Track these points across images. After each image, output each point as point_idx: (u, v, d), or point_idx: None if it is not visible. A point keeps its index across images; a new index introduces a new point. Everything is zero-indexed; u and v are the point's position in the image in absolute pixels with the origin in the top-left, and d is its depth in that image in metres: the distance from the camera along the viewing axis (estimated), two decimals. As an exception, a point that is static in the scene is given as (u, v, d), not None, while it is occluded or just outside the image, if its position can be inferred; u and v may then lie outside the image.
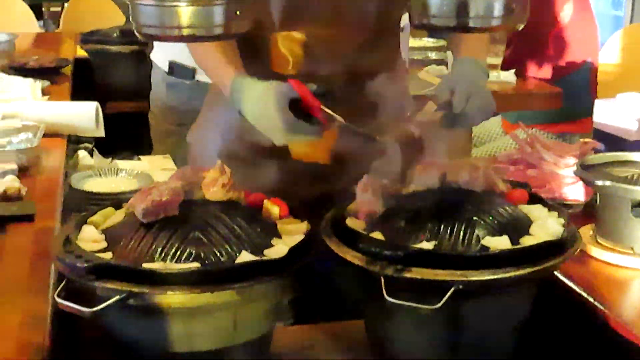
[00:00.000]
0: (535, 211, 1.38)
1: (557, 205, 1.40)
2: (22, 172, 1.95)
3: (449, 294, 1.17)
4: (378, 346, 1.37)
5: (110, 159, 2.60)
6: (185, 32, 1.22)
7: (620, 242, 1.50)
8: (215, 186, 1.30)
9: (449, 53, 3.29)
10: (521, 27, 1.29)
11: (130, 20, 1.27)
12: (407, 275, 1.19)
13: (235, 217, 1.27)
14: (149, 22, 1.23)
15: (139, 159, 2.86)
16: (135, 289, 1.13)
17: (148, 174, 2.10)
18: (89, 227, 1.29)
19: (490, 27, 1.28)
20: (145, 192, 1.26)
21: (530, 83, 3.25)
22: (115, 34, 3.43)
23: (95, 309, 1.12)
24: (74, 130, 2.31)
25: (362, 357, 1.40)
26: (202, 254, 1.20)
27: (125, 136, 3.15)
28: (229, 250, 1.21)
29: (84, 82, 3.50)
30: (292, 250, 1.21)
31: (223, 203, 1.30)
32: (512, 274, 1.20)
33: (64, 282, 1.17)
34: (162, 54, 2.66)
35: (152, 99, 2.77)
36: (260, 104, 1.46)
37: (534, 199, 1.43)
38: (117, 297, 1.13)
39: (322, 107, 1.43)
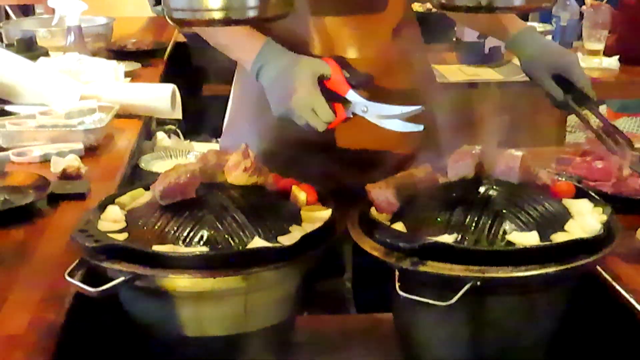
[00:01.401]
0: (579, 206, 1.29)
1: (602, 201, 1.30)
2: (90, 151, 2.00)
3: (463, 290, 1.11)
4: (403, 341, 1.32)
5: (187, 140, 2.65)
6: (217, 15, 1.20)
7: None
8: (237, 170, 1.28)
9: (547, 37, 3.15)
10: (548, 5, 1.19)
11: (162, 4, 1.26)
12: (422, 268, 1.14)
13: (254, 202, 1.24)
14: (179, 5, 1.22)
15: (217, 141, 2.89)
16: (140, 271, 1.13)
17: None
18: (114, 207, 1.30)
19: (514, 6, 1.19)
20: (166, 174, 1.25)
21: (635, 70, 3.06)
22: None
23: (100, 288, 1.12)
24: (151, 111, 2.34)
25: (391, 351, 1.36)
26: (214, 238, 1.18)
27: (222, 119, 3.19)
28: (242, 235, 1.19)
29: (183, 65, 3.57)
30: (306, 238, 1.18)
31: (244, 187, 1.28)
32: (533, 272, 1.12)
33: (76, 262, 1.18)
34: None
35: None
36: (287, 70, 1.45)
37: (581, 193, 1.34)
38: (123, 278, 1.13)
39: (353, 91, 1.39)
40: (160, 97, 2.32)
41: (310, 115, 1.47)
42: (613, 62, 3.05)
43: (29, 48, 2.61)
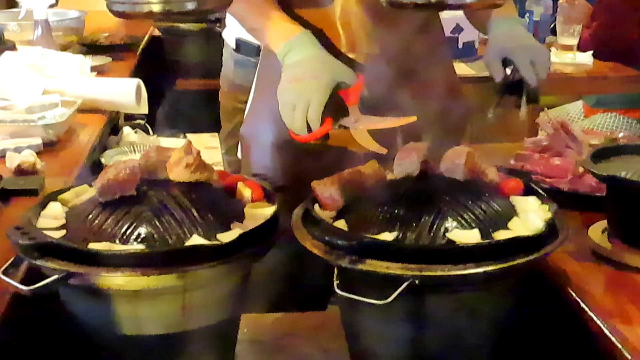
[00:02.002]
0: (525, 203, 1.28)
1: (549, 199, 1.29)
2: (50, 146, 1.98)
3: (400, 289, 1.09)
4: (348, 339, 1.30)
5: (155, 136, 2.63)
6: (156, 8, 1.18)
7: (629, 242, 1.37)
8: (179, 166, 1.26)
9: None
10: (500, 3, 1.18)
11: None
12: (360, 267, 1.13)
13: (196, 199, 1.22)
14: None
15: (185, 137, 2.87)
16: (73, 269, 1.11)
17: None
18: (55, 204, 1.28)
19: (464, 3, 1.19)
20: (105, 171, 1.24)
21: (608, 66, 3.05)
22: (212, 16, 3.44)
23: (32, 287, 1.10)
24: (115, 106, 2.32)
25: (339, 349, 1.34)
26: (151, 236, 1.16)
27: (195, 114, 3.17)
28: (180, 233, 1.17)
29: (157, 59, 3.55)
30: (244, 236, 1.16)
31: (187, 184, 1.26)
32: (472, 270, 1.11)
33: (12, 260, 1.16)
34: (230, 32, 2.67)
35: (222, 76, 2.78)
36: (312, 59, 1.47)
37: (530, 190, 1.32)
38: (56, 276, 1.11)
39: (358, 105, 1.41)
40: (125, 92, 2.30)
41: (288, 113, 1.45)
42: (586, 57, 3.04)
43: (-5, 42, 2.58)
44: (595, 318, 1.19)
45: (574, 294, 1.27)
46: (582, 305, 1.23)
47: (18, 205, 1.62)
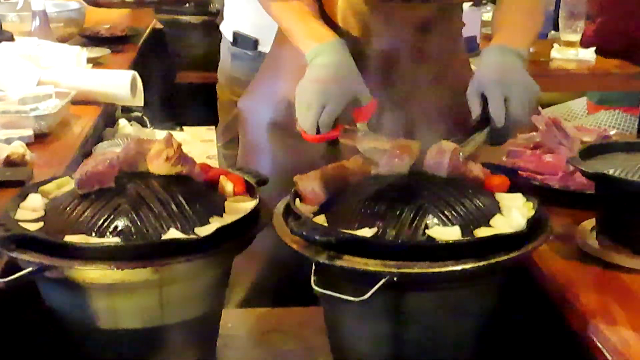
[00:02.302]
0: (509, 200, 1.26)
1: (533, 196, 1.27)
2: (41, 138, 1.97)
3: (377, 286, 1.08)
4: (330, 335, 1.29)
5: (151, 128, 2.62)
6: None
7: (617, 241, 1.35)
8: (159, 159, 1.25)
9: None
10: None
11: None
12: (338, 263, 1.11)
13: (174, 192, 1.21)
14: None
15: (181, 130, 2.86)
16: (47, 262, 1.10)
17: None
18: (36, 195, 1.27)
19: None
20: (84, 162, 1.23)
21: (611, 62, 3.02)
22: (187, 4, 3.44)
23: (6, 279, 1.09)
24: (110, 98, 2.31)
25: (322, 345, 1.33)
26: (128, 229, 1.15)
27: (194, 106, 3.16)
28: (157, 226, 1.16)
29: (158, 51, 3.54)
30: (222, 230, 1.15)
31: (167, 177, 1.25)
32: (450, 268, 1.09)
33: (-13, 251, 1.15)
34: (228, 24, 2.66)
35: (219, 70, 2.77)
36: (338, 65, 1.46)
37: (515, 187, 1.30)
38: (30, 268, 1.10)
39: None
40: (120, 84, 2.28)
41: (302, 111, 1.44)
42: (589, 53, 3.00)
43: (-8, 32, 2.57)
44: (577, 317, 1.18)
45: (558, 292, 1.25)
46: (566, 303, 1.22)
47: (4, 197, 1.60)
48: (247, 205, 1.24)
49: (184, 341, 1.23)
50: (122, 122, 2.47)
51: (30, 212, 1.23)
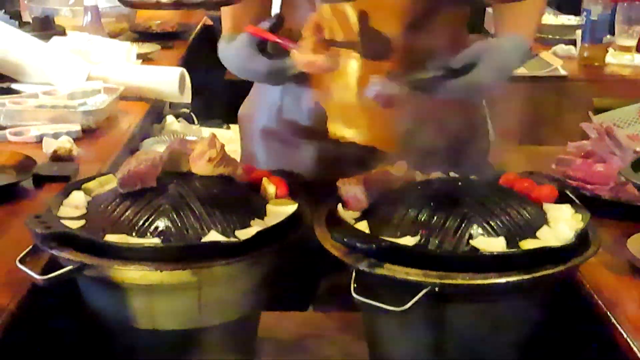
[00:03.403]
0: (558, 211, 1.23)
1: (583, 207, 1.23)
2: (89, 133, 1.98)
3: (418, 296, 1.05)
4: (369, 343, 1.27)
5: (197, 125, 2.63)
6: (166, -1, 1.17)
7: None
8: (201, 160, 1.24)
9: (578, 32, 3.06)
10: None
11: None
12: (379, 271, 1.09)
13: (217, 194, 1.20)
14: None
15: (228, 127, 2.86)
16: (87, 260, 1.10)
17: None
18: (79, 193, 1.27)
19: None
20: (127, 162, 1.22)
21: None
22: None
23: (46, 277, 1.10)
24: (158, 94, 2.32)
25: (360, 352, 1.31)
26: (168, 230, 1.15)
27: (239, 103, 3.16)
28: (198, 228, 1.15)
29: (208, 48, 3.54)
30: (262, 233, 1.14)
31: (209, 178, 1.24)
32: (493, 280, 1.07)
33: (29, 248, 1.16)
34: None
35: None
36: (237, 59, 1.48)
37: (564, 198, 1.27)
38: (71, 267, 1.10)
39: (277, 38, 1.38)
40: (168, 80, 2.30)
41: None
42: (646, 59, 2.94)
43: (45, 27, 2.60)
44: (624, 334, 1.14)
45: (604, 308, 1.21)
46: (612, 319, 1.18)
47: (50, 192, 1.62)
48: (288, 208, 1.23)
49: (221, 344, 1.22)
50: (170, 118, 2.49)
51: (72, 209, 1.23)
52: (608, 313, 1.20)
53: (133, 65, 2.45)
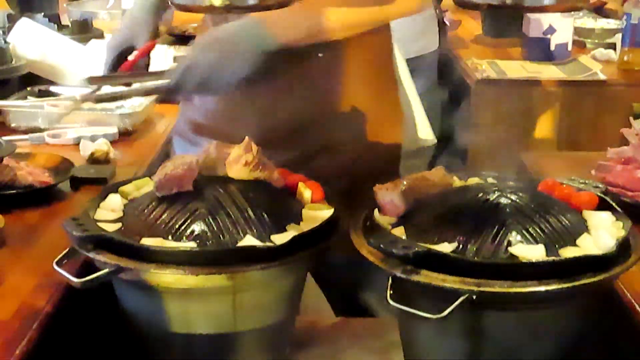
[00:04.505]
0: (598, 219, 1.21)
1: (624, 215, 1.21)
2: (126, 136, 2.00)
3: (455, 303, 1.04)
4: (405, 350, 1.26)
5: (233, 128, 2.62)
6: (217, 2, 1.16)
7: None
8: (238, 164, 1.24)
9: (617, 36, 3.02)
10: (583, 5, 1.11)
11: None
12: (415, 278, 1.08)
13: (253, 198, 1.20)
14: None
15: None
16: (123, 264, 1.10)
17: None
18: (115, 195, 1.28)
19: (543, 6, 1.11)
20: (164, 165, 1.23)
21: None
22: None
23: (83, 279, 1.10)
24: (194, 98, 2.32)
25: (396, 359, 1.30)
26: (204, 234, 1.14)
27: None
28: (234, 232, 1.15)
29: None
30: (298, 238, 1.13)
31: (246, 182, 1.24)
32: (532, 288, 1.05)
33: (66, 251, 1.16)
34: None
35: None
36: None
37: (605, 205, 1.25)
38: (107, 270, 1.11)
39: None
40: (204, 84, 2.29)
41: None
42: None
43: (83, 30, 2.63)
44: (666, 346, 1.12)
45: (644, 317, 1.19)
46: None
47: (87, 194, 1.63)
48: (324, 213, 1.22)
49: (256, 348, 1.21)
50: (205, 121, 2.48)
51: (109, 212, 1.23)
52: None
53: (170, 68, 2.45)
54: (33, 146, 1.91)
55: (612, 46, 3.03)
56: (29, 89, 2.18)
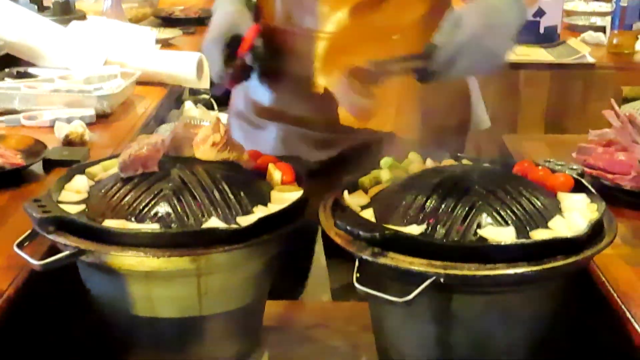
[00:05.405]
0: (572, 201, 1.18)
1: (599, 197, 1.19)
2: (103, 118, 1.97)
3: (422, 286, 1.02)
4: (375, 333, 1.24)
5: (216, 111, 2.60)
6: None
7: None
8: (205, 144, 1.21)
9: (607, 19, 2.99)
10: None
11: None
12: (382, 260, 1.05)
13: (219, 179, 1.17)
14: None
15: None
16: (83, 246, 1.08)
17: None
18: (81, 177, 1.25)
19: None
20: (128, 145, 1.20)
21: None
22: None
23: (43, 262, 1.07)
24: (176, 80, 2.30)
25: (368, 343, 1.28)
26: (168, 216, 1.12)
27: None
28: (199, 214, 1.12)
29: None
30: (265, 220, 1.11)
31: (212, 163, 1.21)
32: (500, 271, 1.02)
33: (27, 233, 1.14)
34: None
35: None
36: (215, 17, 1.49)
37: (580, 187, 1.22)
38: (67, 252, 1.08)
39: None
40: (185, 66, 2.27)
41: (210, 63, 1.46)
42: (677, 47, 2.86)
43: (65, 11, 2.59)
44: (638, 328, 1.09)
45: (619, 302, 1.16)
46: (627, 314, 1.13)
47: (57, 176, 1.60)
48: (293, 195, 1.20)
49: (223, 333, 1.19)
50: (188, 104, 2.46)
51: (74, 194, 1.21)
52: (623, 307, 1.16)
53: (151, 50, 2.43)
54: (8, 128, 1.88)
55: (602, 29, 3.00)
56: (6, 70, 2.15)
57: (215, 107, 2.68)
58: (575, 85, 2.75)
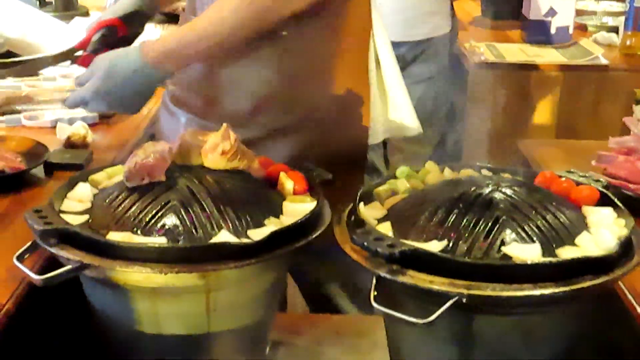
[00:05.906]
0: (599, 215, 1.13)
1: (627, 212, 1.13)
2: (106, 119, 1.91)
3: (443, 307, 0.96)
4: (391, 350, 1.19)
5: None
6: None
7: None
8: (214, 152, 1.16)
9: (620, 19, 2.93)
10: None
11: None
12: (401, 279, 1.00)
13: (229, 190, 1.12)
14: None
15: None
16: (87, 260, 1.02)
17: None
18: (85, 185, 1.20)
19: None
20: (134, 153, 1.14)
21: None
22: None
23: (44, 277, 1.02)
24: (181, 79, 2.23)
25: (381, 359, 1.23)
26: (176, 229, 1.06)
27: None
28: (207, 227, 1.07)
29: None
30: (277, 234, 1.05)
31: (222, 172, 1.16)
32: (527, 292, 0.97)
33: (28, 245, 1.08)
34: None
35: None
36: None
37: (606, 200, 1.17)
38: (70, 267, 1.03)
39: None
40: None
41: None
42: None
43: (67, 7, 2.53)
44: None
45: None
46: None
47: (61, 180, 1.54)
48: (306, 206, 1.14)
49: (231, 350, 1.14)
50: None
51: (76, 203, 1.16)
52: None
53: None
54: (8, 128, 1.82)
55: (615, 29, 2.94)
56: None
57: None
58: (588, 88, 2.69)
